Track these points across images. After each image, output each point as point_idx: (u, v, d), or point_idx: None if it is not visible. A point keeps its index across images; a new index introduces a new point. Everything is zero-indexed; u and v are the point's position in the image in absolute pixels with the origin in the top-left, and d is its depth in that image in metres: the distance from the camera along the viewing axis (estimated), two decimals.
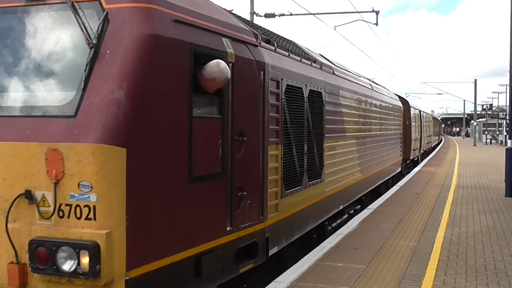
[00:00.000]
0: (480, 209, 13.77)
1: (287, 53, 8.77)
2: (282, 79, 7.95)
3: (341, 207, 11.99)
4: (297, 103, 8.74)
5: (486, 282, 7.40)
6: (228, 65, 6.23)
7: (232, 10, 9.55)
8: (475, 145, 59.25)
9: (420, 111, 34.65)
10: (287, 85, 8.20)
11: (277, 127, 7.78)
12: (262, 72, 7.19)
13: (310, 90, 9.39)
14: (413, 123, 28.79)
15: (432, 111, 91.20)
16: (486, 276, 7.70)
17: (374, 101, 16.07)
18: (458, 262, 8.40)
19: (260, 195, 7.17)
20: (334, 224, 12.15)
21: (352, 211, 13.93)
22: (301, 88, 8.90)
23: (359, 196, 14.33)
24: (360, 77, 16.24)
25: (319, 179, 10.03)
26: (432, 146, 49.96)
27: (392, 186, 19.56)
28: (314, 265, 8.08)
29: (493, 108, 77.11)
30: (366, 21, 26.48)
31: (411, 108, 28.69)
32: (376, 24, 25.79)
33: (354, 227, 11.16)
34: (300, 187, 8.89)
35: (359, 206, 14.80)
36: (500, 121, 66.69)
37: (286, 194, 8.19)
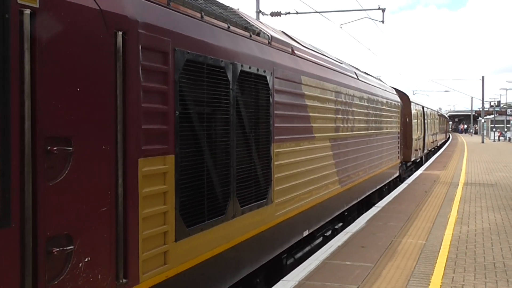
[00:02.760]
0: (488, 206, 13.45)
1: (199, 14, 5.76)
2: (175, 49, 4.95)
3: (306, 233, 8.97)
4: (214, 90, 5.72)
5: (495, 280, 7.23)
6: (17, 15, 3.29)
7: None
8: (483, 142, 58.24)
9: (423, 107, 31.38)
10: (188, 60, 5.19)
11: (164, 126, 4.78)
12: (121, 33, 4.19)
13: (242, 71, 6.37)
14: (414, 121, 25.69)
15: (440, 108, 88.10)
16: (495, 273, 7.54)
17: (360, 94, 13.00)
18: (466, 260, 8.27)
19: (118, 243, 4.18)
20: (299, 254, 9.18)
21: (329, 233, 10.96)
22: (222, 68, 5.88)
23: (339, 213, 11.30)
24: (341, 63, 13.13)
25: (264, 201, 7.02)
26: (438, 145, 46.75)
27: (387, 194, 16.67)
28: (322, 264, 7.95)
29: (501, 105, 76.17)
30: (372, 19, 26.52)
31: (412, 104, 25.52)
32: (383, 21, 25.66)
33: (362, 226, 10.99)
34: (222, 216, 5.88)
35: (340, 224, 11.81)
36: (508, 118, 66.36)
37: (188, 233, 5.18)
